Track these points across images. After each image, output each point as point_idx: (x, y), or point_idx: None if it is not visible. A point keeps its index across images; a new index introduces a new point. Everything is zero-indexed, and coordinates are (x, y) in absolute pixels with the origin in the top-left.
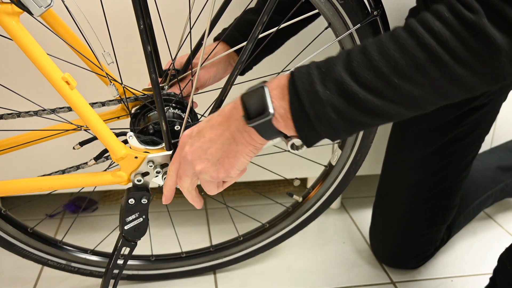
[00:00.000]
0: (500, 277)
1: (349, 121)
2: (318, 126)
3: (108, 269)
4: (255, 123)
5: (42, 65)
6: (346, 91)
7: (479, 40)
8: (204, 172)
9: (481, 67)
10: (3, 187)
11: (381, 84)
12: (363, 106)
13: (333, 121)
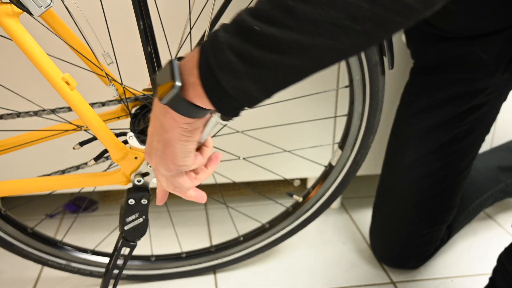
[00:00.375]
0: (498, 277)
1: (248, 62)
2: (219, 74)
3: (108, 269)
4: (166, 100)
5: (42, 65)
6: (244, 28)
7: None
8: (157, 168)
9: None
10: (3, 187)
11: (277, 11)
12: (260, 39)
13: (232, 64)
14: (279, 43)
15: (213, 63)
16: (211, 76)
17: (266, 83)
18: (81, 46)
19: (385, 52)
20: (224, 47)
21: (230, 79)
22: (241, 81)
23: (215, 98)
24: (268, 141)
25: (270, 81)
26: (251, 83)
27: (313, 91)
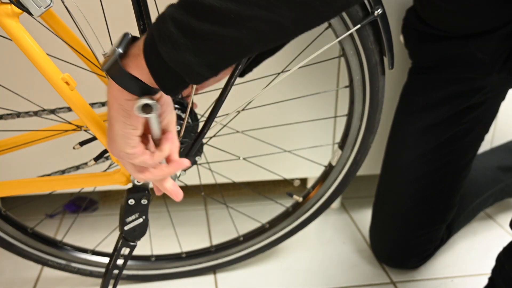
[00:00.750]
0: (497, 277)
1: (188, 33)
2: (160, 46)
3: (108, 269)
4: (106, 66)
5: (41, 66)
6: (186, 1)
7: None
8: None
9: None
10: (3, 187)
11: None
12: (201, 10)
13: (172, 35)
14: (218, 14)
15: (155, 35)
16: (153, 47)
17: (207, 56)
18: (81, 46)
19: (385, 52)
20: (167, 19)
21: (170, 51)
22: (181, 53)
23: (157, 72)
24: (268, 141)
25: (210, 54)
26: (191, 56)
27: (313, 91)
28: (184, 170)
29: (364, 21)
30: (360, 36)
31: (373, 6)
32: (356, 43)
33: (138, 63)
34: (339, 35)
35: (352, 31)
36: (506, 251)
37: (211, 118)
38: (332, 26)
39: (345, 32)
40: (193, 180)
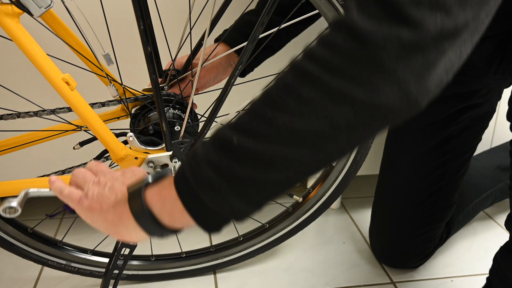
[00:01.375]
0: (494, 276)
1: (231, 179)
2: (200, 191)
3: (108, 269)
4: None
5: (42, 66)
6: (221, 140)
7: (347, 37)
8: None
9: (360, 73)
10: (3, 188)
11: (255, 121)
12: (240, 152)
13: (213, 181)
14: (260, 157)
15: (190, 178)
16: (190, 192)
17: (252, 197)
18: (81, 46)
19: None
20: (202, 161)
21: (212, 196)
22: (225, 198)
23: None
24: None
25: (256, 195)
26: (236, 199)
27: None
28: None
29: None
30: None
31: None
32: None
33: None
34: None
35: None
36: (502, 251)
37: (211, 118)
38: None
39: None
40: None
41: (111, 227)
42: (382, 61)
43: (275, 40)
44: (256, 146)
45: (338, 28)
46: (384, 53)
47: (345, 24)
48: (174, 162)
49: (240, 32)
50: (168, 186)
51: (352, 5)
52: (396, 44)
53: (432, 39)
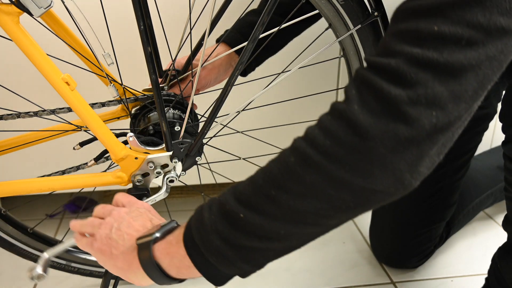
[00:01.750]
0: (492, 277)
1: (238, 248)
2: (210, 257)
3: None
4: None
5: (42, 66)
6: (227, 212)
7: (348, 130)
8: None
9: (358, 164)
10: (3, 188)
11: (260, 199)
12: (246, 226)
13: (221, 249)
14: (266, 231)
15: (200, 243)
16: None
17: (258, 260)
18: (81, 46)
19: None
20: (210, 229)
21: (220, 261)
22: (232, 263)
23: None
24: (268, 141)
25: (262, 259)
26: (243, 263)
27: (313, 91)
28: (184, 170)
29: (365, 21)
30: (360, 36)
31: (373, 7)
32: (356, 43)
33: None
34: (339, 35)
35: (352, 31)
36: (500, 252)
37: (211, 118)
38: (333, 26)
39: (346, 32)
40: (193, 180)
41: (121, 272)
42: (379, 154)
43: (276, 40)
44: (262, 221)
45: (340, 118)
46: (382, 147)
47: (347, 116)
48: (174, 162)
49: (240, 33)
50: (176, 244)
51: (353, 95)
52: (393, 139)
53: (427, 133)
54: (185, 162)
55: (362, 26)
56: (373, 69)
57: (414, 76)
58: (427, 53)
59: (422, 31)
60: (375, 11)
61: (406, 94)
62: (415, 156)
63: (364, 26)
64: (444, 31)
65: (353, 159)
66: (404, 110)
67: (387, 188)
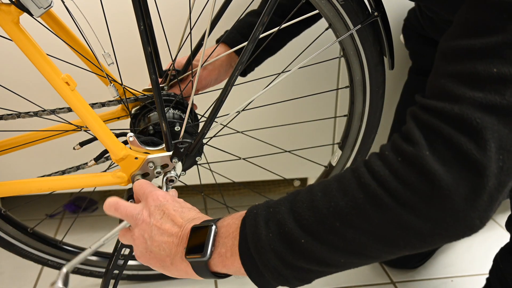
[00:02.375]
0: (493, 277)
1: (295, 269)
2: (266, 273)
3: (108, 269)
4: (191, 260)
5: (42, 66)
6: (287, 234)
7: (421, 177)
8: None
9: (430, 211)
10: (3, 188)
11: (324, 229)
12: (307, 252)
13: (278, 268)
14: (326, 258)
15: (257, 259)
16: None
17: (312, 279)
18: (81, 46)
19: (385, 52)
20: (268, 249)
21: (276, 278)
22: (287, 280)
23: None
24: (268, 141)
25: (316, 277)
26: (297, 281)
27: (313, 91)
28: (184, 170)
29: (365, 21)
30: (360, 36)
31: (373, 7)
32: (356, 43)
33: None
34: (339, 35)
35: (352, 31)
36: (502, 252)
37: (211, 118)
38: (333, 26)
39: (346, 32)
40: (193, 180)
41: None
42: (453, 202)
43: (276, 40)
44: (324, 250)
45: (412, 164)
46: (455, 196)
47: (420, 163)
48: (174, 162)
49: (240, 33)
50: (231, 257)
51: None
52: (467, 188)
53: (496, 179)
54: (185, 162)
55: (362, 26)
56: (438, 115)
57: (480, 121)
58: (489, 96)
59: (481, 74)
60: (375, 11)
61: (475, 142)
62: (486, 203)
63: (364, 26)
64: (504, 72)
65: (425, 206)
66: (474, 158)
67: (456, 233)
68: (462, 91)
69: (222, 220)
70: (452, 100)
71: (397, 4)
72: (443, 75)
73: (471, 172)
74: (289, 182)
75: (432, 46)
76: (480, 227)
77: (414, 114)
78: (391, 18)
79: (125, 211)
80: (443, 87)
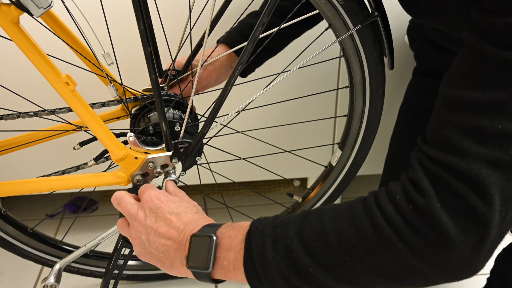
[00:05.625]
0: (494, 277)
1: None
2: None
3: (108, 269)
4: (192, 270)
5: (42, 66)
6: (295, 260)
7: (432, 228)
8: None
9: (438, 258)
10: (3, 188)
11: (333, 261)
12: (313, 279)
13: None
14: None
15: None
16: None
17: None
18: (81, 46)
19: (385, 52)
20: (274, 270)
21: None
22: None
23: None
24: (268, 141)
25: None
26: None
27: (313, 91)
28: (184, 170)
29: (365, 21)
30: (360, 36)
31: (373, 7)
32: (356, 43)
33: (228, 275)
34: (339, 35)
35: (352, 32)
36: (504, 253)
37: (211, 118)
38: (333, 26)
39: (346, 32)
40: (193, 180)
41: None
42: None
43: (276, 41)
44: (331, 280)
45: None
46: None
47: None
48: (174, 162)
49: (241, 34)
50: (233, 270)
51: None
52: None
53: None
54: (185, 162)
55: (362, 26)
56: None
57: (486, 176)
58: (494, 152)
59: (486, 129)
60: (375, 11)
61: (481, 196)
62: (489, 250)
63: (364, 26)
64: (508, 129)
65: (433, 253)
66: (481, 211)
67: (459, 277)
68: (468, 145)
69: (222, 229)
70: (458, 154)
71: (398, 4)
72: (447, 125)
73: (478, 224)
74: (289, 182)
75: (437, 49)
76: (481, 268)
77: (421, 162)
78: (392, 18)
79: (125, 208)
80: (448, 138)
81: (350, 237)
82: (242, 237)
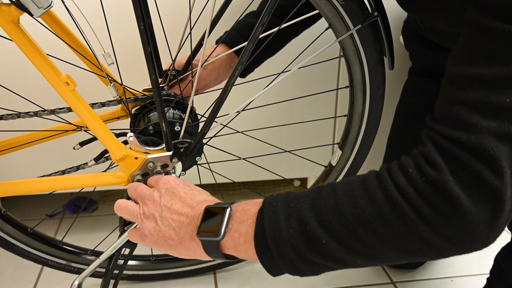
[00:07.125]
0: (494, 277)
1: (311, 263)
2: (280, 263)
3: (108, 269)
4: (202, 238)
5: (42, 66)
6: (308, 232)
7: (445, 200)
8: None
9: (450, 230)
10: (3, 188)
11: (346, 233)
12: (326, 251)
13: (294, 261)
14: (345, 259)
15: (273, 251)
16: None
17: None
18: (81, 46)
19: (385, 52)
20: (287, 243)
21: (290, 269)
22: (301, 272)
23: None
24: (268, 141)
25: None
26: (308, 272)
27: (313, 91)
28: (184, 170)
29: (365, 21)
30: (360, 36)
31: (373, 7)
32: (356, 43)
33: (238, 248)
34: (339, 35)
35: (352, 31)
36: (503, 251)
37: (211, 118)
38: (333, 26)
39: (346, 32)
40: (193, 180)
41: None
42: (472, 224)
43: (276, 41)
44: (344, 252)
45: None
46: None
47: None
48: (174, 162)
49: (240, 34)
50: (244, 243)
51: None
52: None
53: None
54: (185, 162)
55: (362, 26)
56: (456, 143)
57: (497, 149)
58: (503, 126)
59: (494, 104)
60: (375, 11)
61: (492, 170)
62: (502, 224)
63: (364, 26)
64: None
65: (446, 225)
66: (493, 185)
67: (471, 249)
68: (477, 120)
69: (237, 204)
70: (468, 129)
71: (392, 4)
72: (455, 101)
73: (490, 197)
74: (289, 182)
75: (432, 48)
76: (492, 242)
77: (432, 138)
78: (391, 18)
79: (141, 191)
80: (457, 115)
81: (364, 208)
82: (255, 211)
